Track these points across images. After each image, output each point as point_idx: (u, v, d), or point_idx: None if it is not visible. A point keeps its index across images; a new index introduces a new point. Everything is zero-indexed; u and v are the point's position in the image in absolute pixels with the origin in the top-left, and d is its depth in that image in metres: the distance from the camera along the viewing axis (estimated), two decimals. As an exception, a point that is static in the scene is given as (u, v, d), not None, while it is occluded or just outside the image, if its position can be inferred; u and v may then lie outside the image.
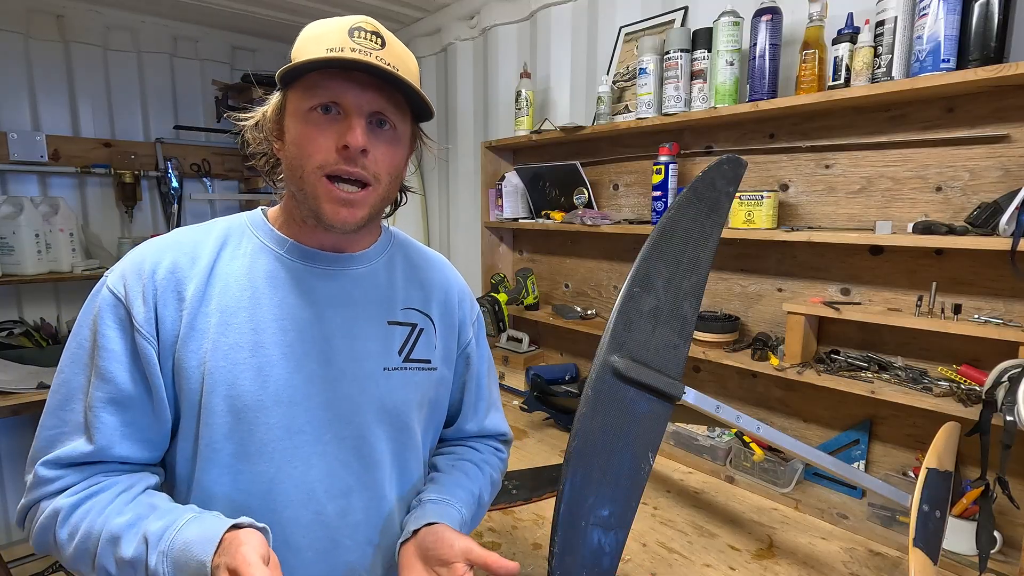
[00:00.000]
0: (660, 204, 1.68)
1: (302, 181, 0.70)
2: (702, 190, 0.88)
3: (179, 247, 0.73)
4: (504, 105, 2.43)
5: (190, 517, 0.64)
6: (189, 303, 0.70)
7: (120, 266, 0.72)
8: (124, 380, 0.68)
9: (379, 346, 0.79)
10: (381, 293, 0.81)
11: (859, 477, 1.04)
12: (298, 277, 0.75)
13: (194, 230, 0.77)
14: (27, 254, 2.44)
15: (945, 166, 1.26)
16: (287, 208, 0.78)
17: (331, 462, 0.75)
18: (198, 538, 0.60)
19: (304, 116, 0.69)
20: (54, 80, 2.67)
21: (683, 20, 1.74)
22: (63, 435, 0.69)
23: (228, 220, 0.79)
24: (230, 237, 0.76)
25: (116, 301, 0.69)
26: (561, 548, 0.68)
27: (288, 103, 0.72)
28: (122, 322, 0.69)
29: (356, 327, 0.77)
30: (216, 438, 0.71)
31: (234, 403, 0.70)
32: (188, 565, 0.59)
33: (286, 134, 0.72)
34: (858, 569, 1.17)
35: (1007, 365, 1.05)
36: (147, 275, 0.70)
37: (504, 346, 2.35)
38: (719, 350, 1.56)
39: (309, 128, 0.68)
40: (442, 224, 2.95)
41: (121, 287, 0.69)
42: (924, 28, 1.15)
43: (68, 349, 0.71)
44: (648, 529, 1.31)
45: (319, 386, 0.74)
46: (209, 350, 0.69)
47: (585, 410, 0.72)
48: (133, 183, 2.81)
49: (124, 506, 0.66)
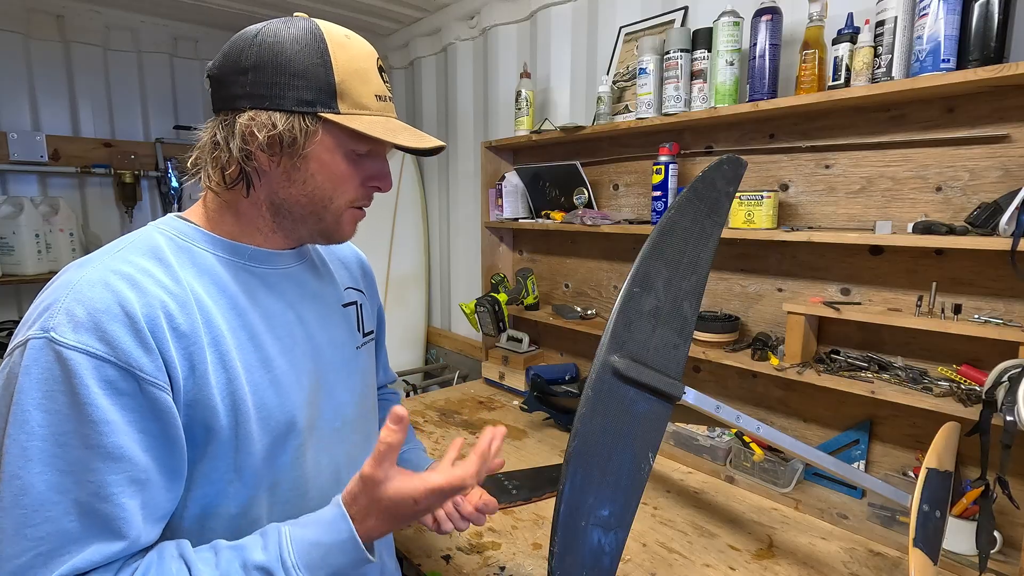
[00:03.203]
0: (660, 204, 1.68)
1: (325, 211, 0.72)
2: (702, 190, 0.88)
3: (134, 279, 0.61)
4: (504, 105, 2.43)
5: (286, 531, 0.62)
6: (186, 337, 0.62)
7: (67, 319, 0.56)
8: (137, 453, 0.58)
9: (346, 329, 0.84)
10: (327, 280, 0.85)
11: (859, 477, 1.04)
12: (269, 283, 0.74)
13: (122, 259, 0.63)
14: (27, 254, 2.44)
15: (945, 166, 1.25)
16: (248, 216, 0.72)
17: (348, 447, 0.81)
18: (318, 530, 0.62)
19: (346, 154, 0.70)
20: (54, 80, 2.67)
21: (683, 20, 1.74)
22: (51, 553, 0.54)
23: (144, 240, 0.67)
24: (171, 256, 0.66)
25: (96, 361, 0.55)
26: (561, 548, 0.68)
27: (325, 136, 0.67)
28: (111, 383, 0.56)
29: (325, 317, 0.81)
30: (256, 464, 0.68)
31: (267, 424, 0.68)
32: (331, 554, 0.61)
33: (309, 162, 0.68)
34: (858, 569, 1.17)
35: (1007, 365, 1.05)
36: (133, 317, 0.58)
37: (504, 346, 2.35)
38: (719, 350, 1.56)
39: (349, 167, 0.71)
40: (442, 224, 2.95)
41: (97, 341, 0.56)
42: (924, 28, 1.15)
43: (10, 446, 0.54)
44: (648, 529, 1.31)
45: (317, 380, 0.76)
46: (227, 379, 0.65)
47: (585, 410, 0.72)
48: (133, 183, 2.81)
49: None
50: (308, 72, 0.65)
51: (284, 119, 0.65)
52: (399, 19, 2.84)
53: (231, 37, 0.70)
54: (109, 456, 0.56)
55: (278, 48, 0.65)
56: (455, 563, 1.18)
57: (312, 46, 0.66)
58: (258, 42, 0.66)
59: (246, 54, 0.66)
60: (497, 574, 1.15)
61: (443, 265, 2.99)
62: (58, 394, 0.55)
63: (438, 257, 3.03)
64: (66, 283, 0.59)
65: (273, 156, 0.68)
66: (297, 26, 0.67)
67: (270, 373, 0.69)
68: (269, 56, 0.65)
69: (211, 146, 0.69)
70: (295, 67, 0.65)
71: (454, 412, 2.08)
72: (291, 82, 0.65)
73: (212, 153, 0.69)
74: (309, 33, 0.66)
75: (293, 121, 0.65)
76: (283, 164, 0.68)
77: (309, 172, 0.69)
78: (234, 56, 0.67)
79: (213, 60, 0.70)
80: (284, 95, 0.65)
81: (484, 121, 2.57)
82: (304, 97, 0.65)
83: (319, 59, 0.65)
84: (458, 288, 2.85)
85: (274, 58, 0.65)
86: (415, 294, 3.01)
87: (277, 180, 0.69)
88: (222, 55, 0.68)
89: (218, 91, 0.68)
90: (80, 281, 0.59)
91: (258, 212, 0.72)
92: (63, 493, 0.54)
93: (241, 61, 0.66)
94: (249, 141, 0.66)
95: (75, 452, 0.55)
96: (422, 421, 1.98)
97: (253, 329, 0.69)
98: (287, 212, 0.72)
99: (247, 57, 0.66)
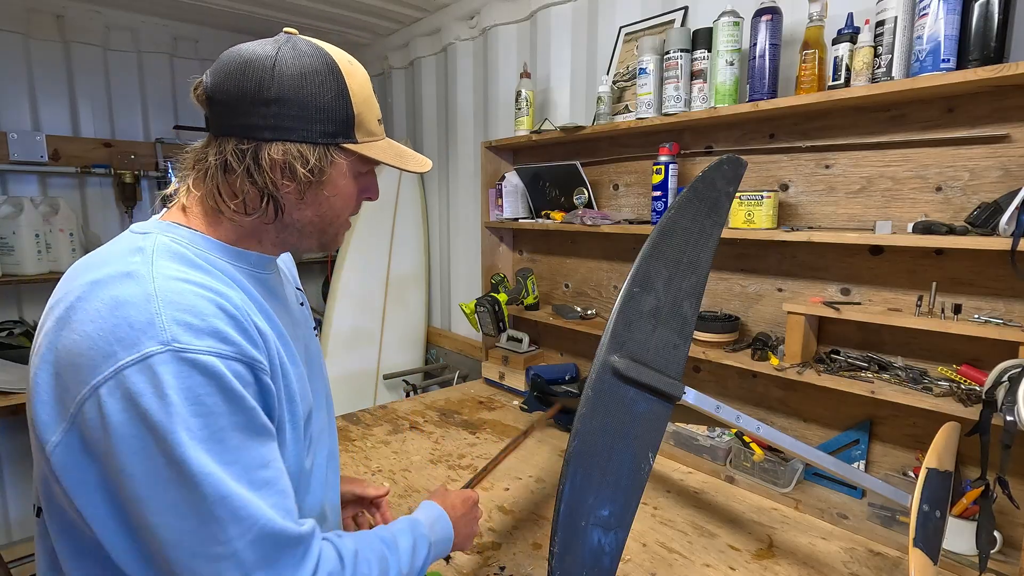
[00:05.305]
0: (660, 204, 1.68)
1: (331, 226, 0.77)
2: (702, 190, 0.88)
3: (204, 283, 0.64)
4: (504, 105, 2.43)
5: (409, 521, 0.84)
6: (264, 333, 0.67)
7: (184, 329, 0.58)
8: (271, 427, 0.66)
9: (307, 325, 0.90)
10: (286, 282, 0.88)
11: (859, 477, 1.04)
12: (270, 287, 0.78)
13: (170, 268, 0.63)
14: (27, 254, 2.44)
15: (945, 166, 1.26)
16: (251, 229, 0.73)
17: (332, 429, 0.90)
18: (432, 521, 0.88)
19: (355, 176, 0.75)
20: (54, 80, 2.67)
21: (683, 20, 1.74)
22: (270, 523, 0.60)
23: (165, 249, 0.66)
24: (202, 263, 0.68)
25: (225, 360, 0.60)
26: (561, 548, 0.68)
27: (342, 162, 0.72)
28: (240, 377, 0.61)
29: (296, 315, 0.85)
30: (318, 454, 0.79)
31: (296, 413, 0.73)
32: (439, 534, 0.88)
33: (325, 187, 0.71)
34: (858, 569, 1.17)
35: (1007, 365, 1.05)
36: (233, 316, 0.63)
37: (504, 346, 2.35)
38: (719, 350, 1.56)
39: (358, 188, 0.77)
40: (442, 224, 2.95)
41: (220, 343, 0.60)
42: (924, 28, 1.15)
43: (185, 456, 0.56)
44: (648, 529, 1.31)
45: (312, 372, 0.82)
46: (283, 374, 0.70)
47: (585, 410, 0.72)
48: (133, 183, 2.81)
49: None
50: (331, 106, 0.69)
51: (313, 152, 0.68)
52: (399, 19, 2.84)
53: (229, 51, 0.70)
54: (259, 435, 0.62)
55: (301, 82, 0.67)
56: (455, 563, 1.18)
57: (331, 80, 0.69)
58: (278, 74, 0.66)
59: (267, 86, 0.66)
60: (497, 574, 1.15)
61: (443, 265, 2.99)
62: (205, 397, 0.58)
63: (438, 257, 3.03)
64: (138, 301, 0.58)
65: (297, 184, 0.69)
66: (311, 56, 0.68)
67: (297, 369, 0.75)
68: (293, 90, 0.67)
69: (221, 170, 0.68)
70: (320, 102, 0.68)
71: (454, 412, 2.08)
72: (316, 116, 0.68)
73: (224, 176, 0.69)
74: (326, 66, 0.69)
75: (320, 152, 0.69)
76: (300, 189, 0.70)
77: (325, 195, 0.73)
78: (251, 86, 0.66)
79: (210, 79, 0.69)
80: (311, 128, 0.68)
81: (484, 121, 2.57)
82: (327, 130, 0.69)
83: (339, 92, 0.69)
84: (458, 288, 2.85)
85: (298, 92, 0.67)
86: (415, 294, 3.01)
87: (291, 202, 0.72)
88: (225, 77, 0.67)
89: (227, 116, 0.68)
90: (162, 293, 0.59)
91: (261, 226, 0.73)
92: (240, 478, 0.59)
93: (263, 92, 0.66)
94: (281, 172, 0.68)
95: (234, 441, 0.60)
96: (422, 421, 1.98)
97: (278, 328, 0.73)
98: (295, 230, 0.75)
99: (268, 89, 0.66)
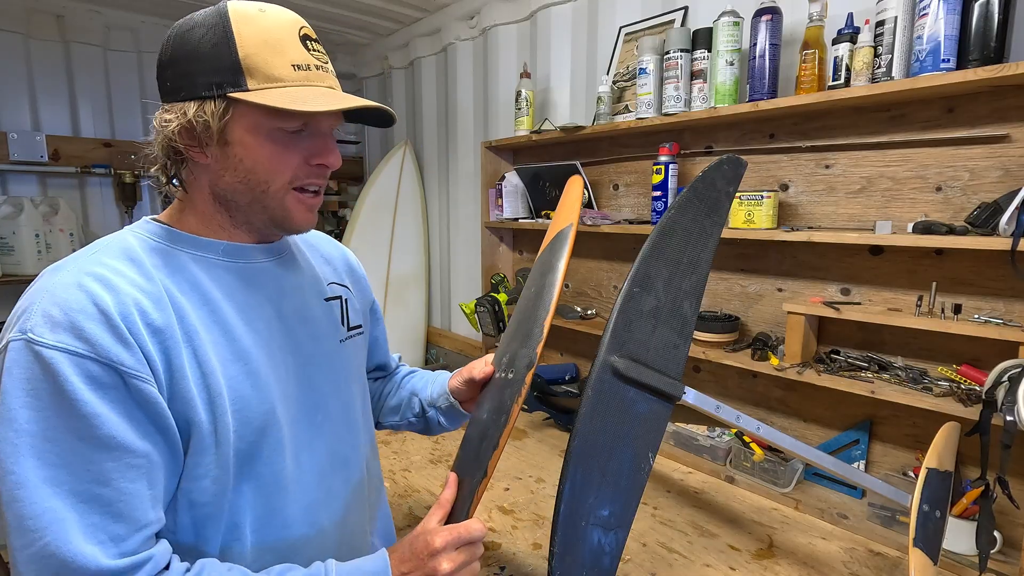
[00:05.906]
0: (660, 204, 1.68)
1: (265, 195, 0.70)
2: (702, 190, 0.88)
3: (107, 278, 0.62)
4: (504, 105, 2.43)
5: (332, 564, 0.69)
6: (161, 332, 0.63)
7: (44, 320, 0.58)
8: (132, 441, 0.59)
9: (328, 323, 0.84)
10: (309, 274, 0.85)
11: (859, 477, 1.04)
12: (245, 277, 0.74)
13: (95, 261, 0.64)
14: (27, 254, 2.44)
15: (945, 166, 1.25)
16: (206, 213, 0.72)
17: (329, 439, 0.81)
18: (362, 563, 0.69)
19: (269, 134, 0.67)
20: (54, 80, 2.67)
21: (683, 20, 1.74)
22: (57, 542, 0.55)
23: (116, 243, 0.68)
24: (143, 256, 0.67)
25: (76, 358, 0.57)
26: (561, 548, 0.68)
27: (241, 117, 0.66)
28: (94, 379, 0.58)
29: (306, 311, 0.81)
30: (237, 457, 0.68)
31: (245, 416, 0.68)
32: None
33: (233, 147, 0.67)
34: (858, 569, 1.17)
35: (1007, 365, 1.05)
36: (107, 315, 0.59)
37: (504, 346, 2.35)
38: (719, 350, 1.56)
39: (278, 147, 0.68)
40: (442, 224, 2.95)
41: (75, 340, 0.57)
42: (924, 28, 1.15)
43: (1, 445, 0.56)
44: (648, 529, 1.31)
45: (297, 374, 0.77)
46: (203, 374, 0.65)
47: (585, 410, 0.72)
48: (133, 183, 2.81)
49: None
50: (212, 54, 0.64)
51: (194, 106, 0.64)
52: (399, 19, 2.84)
53: None
54: (104, 446, 0.58)
55: (186, 36, 0.65)
56: (455, 563, 1.18)
57: (216, 26, 0.64)
58: (170, 37, 0.67)
59: (163, 51, 0.67)
60: (497, 574, 1.15)
61: (443, 265, 2.99)
62: (42, 392, 0.57)
63: (438, 257, 3.03)
64: (41, 288, 0.62)
65: (197, 146, 0.67)
66: (206, 12, 0.66)
67: (247, 366, 0.70)
68: (178, 46, 0.66)
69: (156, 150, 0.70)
70: (200, 51, 0.64)
71: (454, 412, 2.07)
72: (198, 67, 0.64)
73: (150, 156, 0.70)
74: (214, 14, 0.65)
75: (204, 106, 0.64)
76: (212, 153, 0.68)
77: (236, 157, 0.67)
78: (159, 57, 0.68)
79: None
80: (195, 82, 0.64)
81: (484, 121, 2.57)
82: (211, 80, 0.64)
83: (222, 38, 0.64)
84: (458, 288, 2.84)
85: (182, 47, 0.65)
86: (415, 294, 3.01)
87: (213, 171, 0.69)
88: None
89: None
90: (54, 284, 0.61)
91: (212, 207, 0.72)
92: (58, 485, 0.56)
93: (161, 59, 0.68)
94: (179, 135, 0.66)
95: (66, 445, 0.57)
96: (422, 421, 1.98)
97: (227, 324, 0.69)
98: (233, 203, 0.71)
99: (164, 53, 0.67)
